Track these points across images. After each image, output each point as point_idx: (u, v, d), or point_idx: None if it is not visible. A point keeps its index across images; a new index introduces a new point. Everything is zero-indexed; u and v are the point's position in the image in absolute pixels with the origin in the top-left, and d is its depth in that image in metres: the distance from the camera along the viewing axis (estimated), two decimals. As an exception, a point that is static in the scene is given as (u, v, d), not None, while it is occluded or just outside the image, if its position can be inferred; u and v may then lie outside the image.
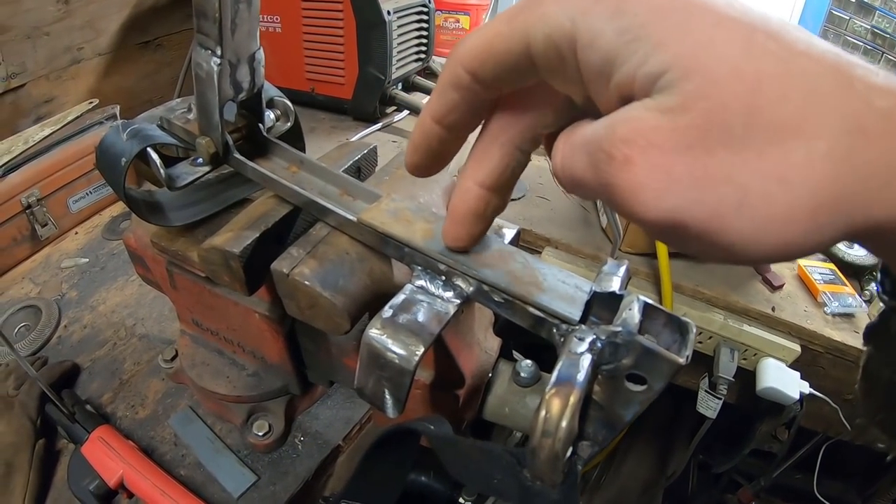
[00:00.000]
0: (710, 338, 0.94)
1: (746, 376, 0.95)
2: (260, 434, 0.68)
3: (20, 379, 0.75)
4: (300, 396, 0.71)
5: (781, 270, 1.00)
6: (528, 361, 0.54)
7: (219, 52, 0.44)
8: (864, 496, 1.45)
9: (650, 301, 0.35)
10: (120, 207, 1.14)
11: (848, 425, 0.99)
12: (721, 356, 0.93)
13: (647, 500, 1.39)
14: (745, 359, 0.94)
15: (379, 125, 1.34)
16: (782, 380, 0.91)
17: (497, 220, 0.47)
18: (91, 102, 1.12)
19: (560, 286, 0.37)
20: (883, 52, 1.59)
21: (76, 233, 1.09)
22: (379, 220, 0.41)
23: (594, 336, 0.34)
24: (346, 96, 1.32)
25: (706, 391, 0.96)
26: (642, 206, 0.22)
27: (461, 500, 0.86)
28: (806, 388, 0.92)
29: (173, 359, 0.76)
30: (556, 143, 0.26)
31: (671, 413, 1.51)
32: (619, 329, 0.33)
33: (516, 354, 0.59)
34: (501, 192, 0.32)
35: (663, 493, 1.41)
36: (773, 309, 0.94)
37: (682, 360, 0.31)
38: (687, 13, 0.22)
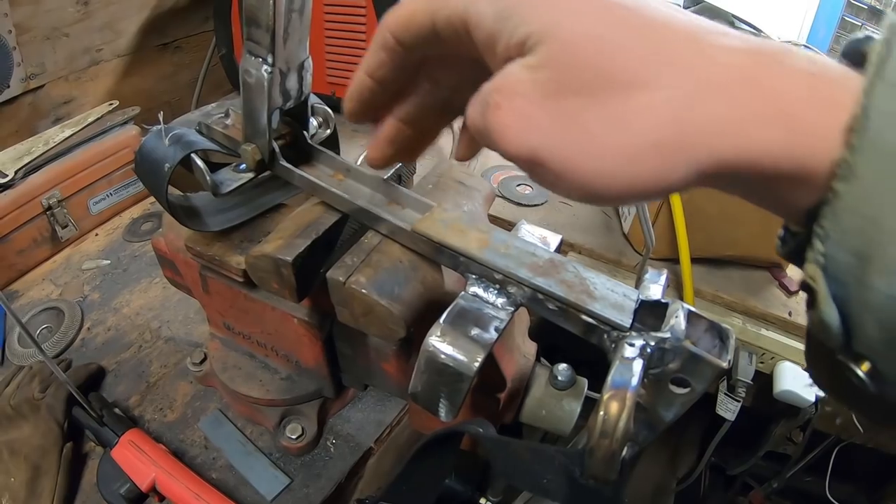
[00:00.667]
0: (729, 341, 0.95)
1: (764, 379, 0.96)
2: (293, 437, 0.68)
3: (46, 381, 0.75)
4: (332, 399, 0.72)
5: (798, 276, 1.01)
6: (565, 365, 0.55)
7: (270, 61, 0.44)
8: (872, 499, 1.46)
9: (693, 308, 0.36)
10: (140, 209, 1.15)
11: (861, 428, 1.00)
12: (740, 360, 0.95)
13: (659, 502, 1.39)
14: (762, 362, 0.96)
15: (399, 130, 1.32)
16: (799, 383, 0.92)
17: (539, 230, 0.48)
18: (111, 104, 1.12)
19: (610, 294, 0.38)
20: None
21: (96, 234, 1.10)
22: (434, 231, 0.42)
23: (644, 342, 0.35)
24: (368, 100, 1.31)
25: (725, 394, 0.97)
26: (508, 143, 0.27)
27: (483, 500, 0.87)
28: (821, 391, 0.93)
29: (202, 362, 0.76)
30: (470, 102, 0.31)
31: (683, 415, 1.51)
32: (668, 335, 0.34)
33: (543, 360, 0.60)
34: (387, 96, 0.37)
35: (675, 495, 1.42)
36: (789, 313, 0.95)
37: (724, 364, 0.32)
38: None
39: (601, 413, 0.32)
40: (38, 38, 1.16)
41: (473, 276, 0.40)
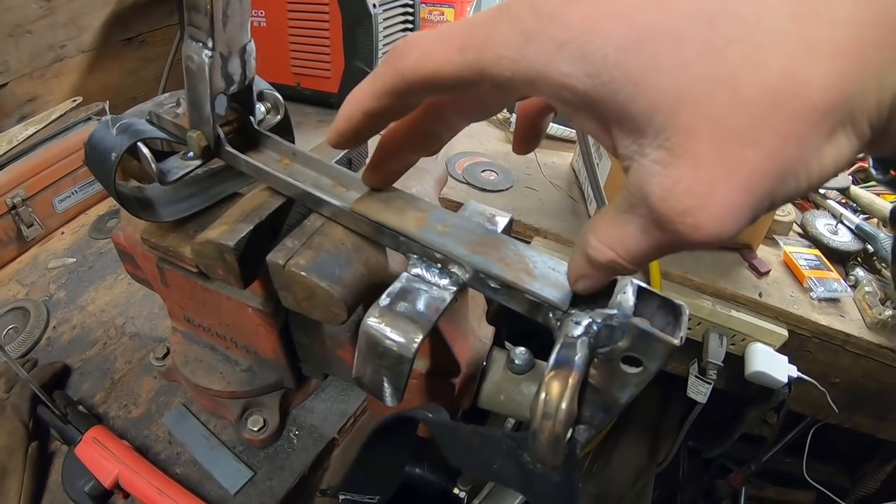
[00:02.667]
0: (699, 324, 0.95)
1: (735, 361, 0.96)
2: (255, 429, 0.68)
3: (10, 381, 0.74)
4: (294, 390, 0.71)
5: (768, 257, 1.02)
6: (522, 349, 0.54)
7: (210, 45, 0.44)
8: (852, 479, 1.47)
9: (644, 284, 0.35)
10: (106, 206, 1.13)
11: (835, 408, 1.00)
12: (710, 342, 0.94)
13: (639, 487, 1.40)
14: (733, 344, 0.96)
15: (365, 119, 1.32)
16: (771, 364, 0.92)
17: (489, 209, 0.47)
18: (75, 100, 1.11)
19: (550, 273, 0.37)
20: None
21: (62, 233, 1.08)
22: (371, 209, 0.41)
23: (590, 319, 0.34)
24: (332, 90, 1.31)
25: (696, 376, 0.98)
26: (715, 240, 0.23)
27: (455, 490, 0.86)
28: (794, 371, 0.93)
29: (165, 356, 0.75)
30: (577, 260, 0.30)
31: (660, 400, 1.52)
32: (615, 312, 0.33)
33: (507, 344, 0.59)
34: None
35: (654, 479, 1.43)
36: (760, 295, 0.95)
37: (676, 341, 0.31)
38: (654, 46, 0.21)
39: (542, 394, 0.32)
40: (0, 36, 1.14)
41: (415, 256, 0.40)
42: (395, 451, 0.51)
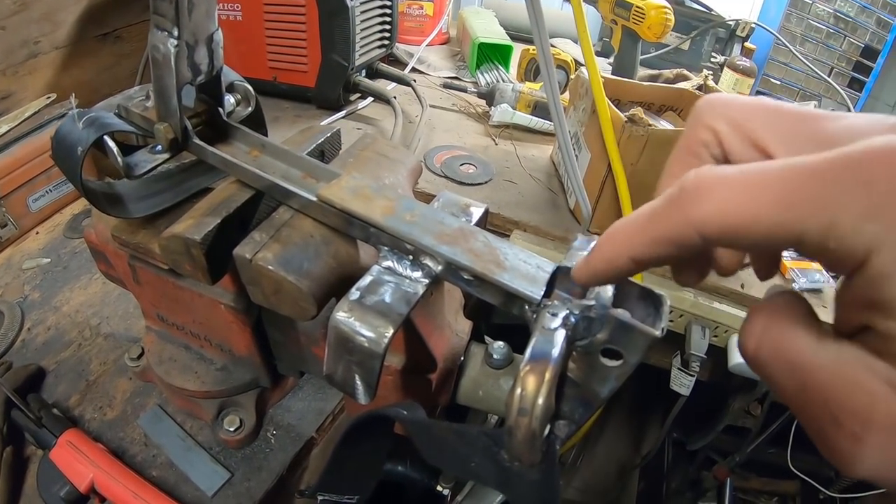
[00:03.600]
0: (681, 316, 0.95)
1: (718, 353, 0.96)
2: (231, 429, 0.66)
3: (-18, 386, 0.73)
4: (271, 389, 0.70)
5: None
6: (501, 343, 0.54)
7: (175, 34, 0.43)
8: (835, 469, 1.47)
9: (623, 275, 0.34)
10: (81, 205, 1.11)
11: (819, 399, 1.00)
12: (692, 334, 0.94)
13: (623, 480, 1.40)
14: (716, 336, 0.95)
15: (343, 113, 1.32)
16: (754, 355, 0.92)
17: (464, 199, 0.46)
18: (49, 97, 1.09)
19: (521, 265, 0.37)
20: (846, 36, 1.62)
21: (37, 232, 1.06)
22: (338, 197, 0.40)
23: (567, 311, 0.33)
24: (309, 84, 1.30)
25: (679, 369, 0.97)
26: (856, 471, 0.22)
27: (439, 487, 0.86)
28: (777, 362, 0.93)
29: (140, 357, 0.74)
30: (756, 320, 0.26)
31: (644, 393, 1.52)
32: (593, 303, 0.32)
33: (487, 338, 0.59)
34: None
35: (639, 472, 1.43)
36: (742, 286, 0.94)
37: (657, 333, 0.30)
38: None
39: (518, 389, 0.31)
40: (-29, 33, 1.12)
41: (386, 249, 0.39)
42: (371, 450, 0.50)
